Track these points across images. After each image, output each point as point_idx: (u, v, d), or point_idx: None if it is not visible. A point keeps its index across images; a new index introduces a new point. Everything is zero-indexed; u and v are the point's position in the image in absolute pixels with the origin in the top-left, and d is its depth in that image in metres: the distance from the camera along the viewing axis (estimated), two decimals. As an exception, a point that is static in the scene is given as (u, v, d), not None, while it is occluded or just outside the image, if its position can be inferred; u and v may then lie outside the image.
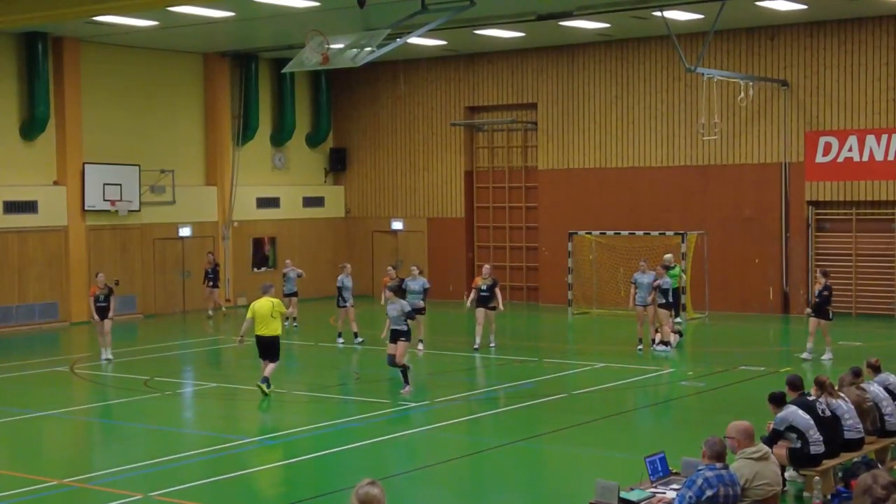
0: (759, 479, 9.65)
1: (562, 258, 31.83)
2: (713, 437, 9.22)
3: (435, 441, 16.04)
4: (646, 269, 23.21)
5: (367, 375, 21.26)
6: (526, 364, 22.16)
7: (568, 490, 13.09)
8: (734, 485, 9.03)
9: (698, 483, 8.84)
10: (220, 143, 33.69)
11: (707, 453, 9.05)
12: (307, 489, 13.48)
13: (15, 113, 29.33)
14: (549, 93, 33.00)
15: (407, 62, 34.29)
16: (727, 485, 8.92)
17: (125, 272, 31.14)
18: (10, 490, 13.05)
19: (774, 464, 9.97)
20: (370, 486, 6.66)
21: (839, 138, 28.67)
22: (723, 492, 8.87)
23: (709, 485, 8.82)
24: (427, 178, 35.58)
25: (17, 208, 28.92)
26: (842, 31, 28.51)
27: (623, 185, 31.74)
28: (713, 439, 9.13)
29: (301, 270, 28.81)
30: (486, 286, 23.54)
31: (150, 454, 15.09)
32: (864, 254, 28.74)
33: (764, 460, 9.77)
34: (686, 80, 30.00)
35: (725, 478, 8.96)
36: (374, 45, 18.42)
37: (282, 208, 35.40)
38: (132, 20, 27.11)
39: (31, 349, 25.91)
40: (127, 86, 31.59)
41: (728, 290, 29.89)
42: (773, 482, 9.77)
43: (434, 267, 35.16)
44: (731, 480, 9.03)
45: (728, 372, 20.64)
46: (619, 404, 18.56)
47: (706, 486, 8.81)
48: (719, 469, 8.97)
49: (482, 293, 23.52)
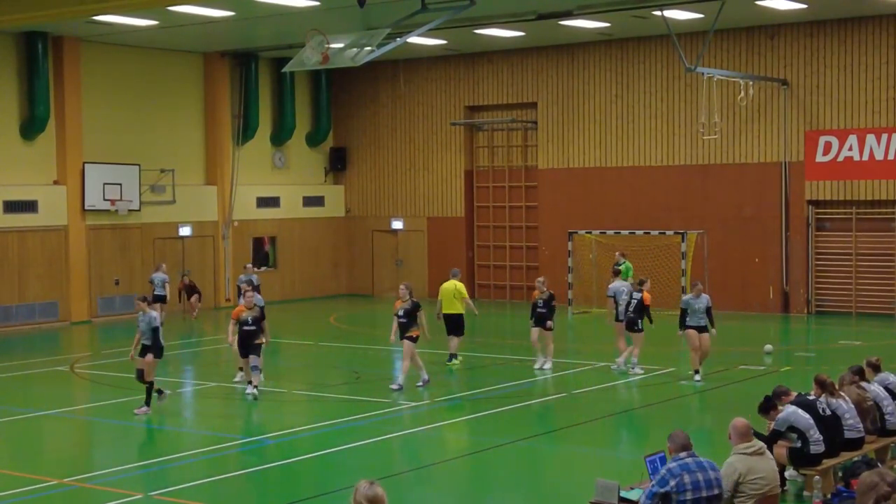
0: (752, 473, 9.71)
1: (562, 257, 31.83)
2: (675, 431, 9.50)
3: (435, 441, 16.04)
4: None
5: (367, 375, 21.25)
6: (526, 364, 22.14)
7: (568, 490, 13.09)
8: (703, 470, 9.19)
9: (661, 474, 9.20)
10: (220, 142, 33.68)
11: (671, 448, 9.35)
12: (307, 489, 13.48)
13: (15, 112, 29.32)
14: (549, 92, 33.00)
15: (407, 61, 34.29)
16: (692, 471, 9.13)
17: (125, 272, 31.14)
18: (10, 490, 13.04)
19: (770, 460, 10.01)
20: (371, 487, 6.67)
21: (839, 137, 28.66)
22: (688, 479, 9.07)
23: (671, 474, 9.11)
24: (427, 177, 35.57)
25: (17, 208, 28.91)
26: (842, 31, 28.50)
27: (623, 185, 31.74)
28: (674, 433, 9.44)
29: (167, 277, 28.80)
30: (542, 301, 21.10)
31: (150, 454, 15.10)
32: (864, 253, 28.74)
33: (758, 455, 9.82)
34: (686, 79, 30.00)
35: (691, 465, 9.17)
36: (374, 44, 18.42)
37: (282, 208, 35.40)
38: (132, 20, 27.10)
39: (31, 349, 25.91)
40: (127, 85, 31.59)
41: (728, 290, 29.87)
42: (769, 478, 9.81)
43: (434, 267, 35.16)
44: (699, 466, 9.20)
45: (728, 371, 20.64)
46: (619, 404, 18.56)
47: (668, 475, 9.12)
48: (683, 458, 9.19)
49: (539, 309, 21.06)
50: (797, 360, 20.97)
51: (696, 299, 19.62)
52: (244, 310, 18.67)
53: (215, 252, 33.59)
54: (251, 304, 18.70)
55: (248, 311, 18.64)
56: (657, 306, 29.93)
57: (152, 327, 17.24)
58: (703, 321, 19.54)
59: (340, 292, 36.44)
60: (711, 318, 19.64)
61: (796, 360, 21.00)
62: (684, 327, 19.58)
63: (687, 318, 19.55)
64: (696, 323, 19.52)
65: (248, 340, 18.49)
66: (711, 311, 19.68)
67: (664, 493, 9.05)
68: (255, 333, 18.49)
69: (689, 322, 19.55)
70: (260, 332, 18.54)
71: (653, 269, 30.24)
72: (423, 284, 35.56)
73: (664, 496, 9.06)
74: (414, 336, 19.12)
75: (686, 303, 19.77)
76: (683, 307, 19.72)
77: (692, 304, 19.61)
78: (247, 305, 18.70)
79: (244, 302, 18.83)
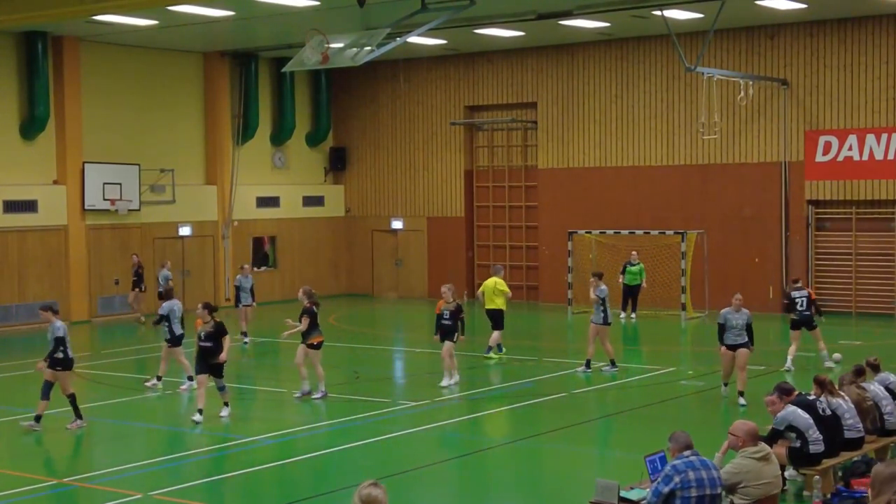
0: (758, 478, 9.73)
1: (562, 257, 31.82)
2: (676, 431, 9.53)
3: (435, 441, 16.04)
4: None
5: (366, 375, 21.25)
6: (526, 363, 22.15)
7: (568, 490, 13.10)
8: (707, 469, 9.21)
9: (665, 471, 9.23)
10: (220, 142, 33.68)
11: (674, 448, 9.38)
12: (307, 489, 13.48)
13: (15, 112, 29.32)
14: (548, 92, 33.00)
15: (407, 61, 34.27)
16: (697, 469, 9.16)
17: (125, 271, 31.11)
18: (10, 490, 13.05)
19: (775, 464, 10.03)
20: (372, 488, 6.67)
21: (839, 137, 28.67)
22: (692, 476, 9.09)
23: (676, 471, 9.14)
24: (427, 177, 35.57)
25: (17, 208, 28.92)
26: (842, 30, 28.50)
27: (623, 184, 31.74)
28: (676, 433, 9.48)
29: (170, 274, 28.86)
30: (448, 312, 19.38)
31: (150, 454, 15.09)
32: (863, 253, 28.75)
33: (765, 461, 9.84)
34: (686, 79, 30.00)
35: (695, 463, 9.19)
36: (374, 44, 18.42)
37: (282, 207, 35.40)
38: (132, 19, 27.10)
39: (31, 349, 25.87)
40: (127, 85, 31.59)
41: (728, 290, 29.61)
42: (773, 483, 9.84)
43: (434, 266, 35.18)
44: (703, 464, 9.23)
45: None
46: (619, 404, 18.55)
47: (673, 472, 9.15)
48: (687, 456, 9.23)
49: (444, 321, 19.38)
50: (797, 360, 20.94)
51: (736, 314, 17.57)
52: (200, 323, 17.04)
53: (215, 252, 33.59)
54: (206, 317, 16.88)
55: (205, 324, 16.91)
56: (657, 306, 30.13)
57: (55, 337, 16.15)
58: (742, 338, 17.51)
59: (340, 292, 36.44)
60: (752, 336, 17.68)
61: (796, 360, 20.97)
62: (722, 344, 17.72)
63: (725, 335, 17.61)
64: (733, 341, 17.53)
65: (206, 358, 16.86)
66: (752, 327, 17.69)
67: (670, 491, 9.07)
68: (213, 351, 16.79)
69: (726, 339, 17.58)
70: (218, 349, 16.79)
71: (653, 269, 30.27)
72: (423, 284, 35.60)
73: (669, 493, 9.08)
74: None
75: (724, 317, 17.68)
76: (721, 322, 17.72)
77: (730, 319, 17.56)
78: (202, 319, 16.97)
79: (199, 314, 17.11)
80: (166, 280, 28.49)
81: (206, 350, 16.82)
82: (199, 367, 17.01)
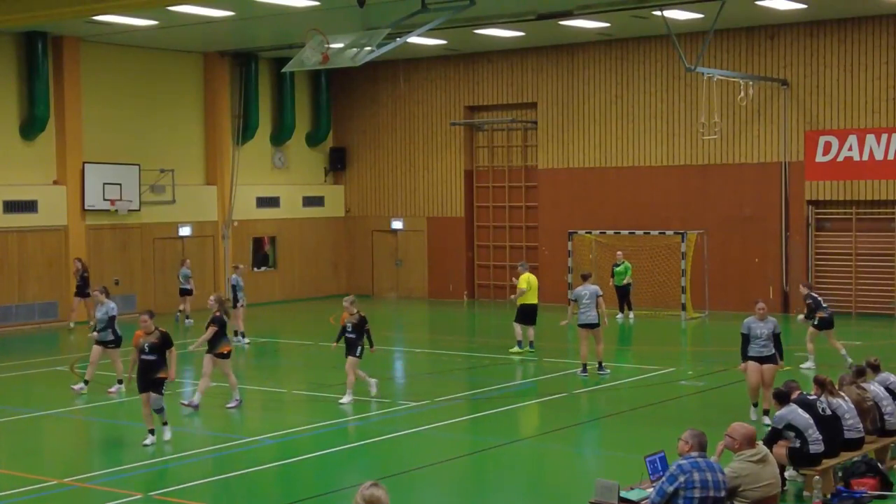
0: (757, 480, 9.74)
1: (562, 257, 31.82)
2: (695, 429, 9.46)
3: (435, 441, 16.03)
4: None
5: (367, 375, 21.20)
6: (526, 364, 22.14)
7: (568, 490, 13.10)
8: (712, 471, 9.21)
9: (670, 470, 9.22)
10: (220, 142, 33.68)
11: (688, 445, 9.31)
12: (307, 489, 13.47)
13: (15, 112, 29.32)
14: (548, 92, 33.00)
15: (407, 61, 34.29)
16: (702, 470, 9.15)
17: (125, 272, 31.14)
18: (10, 490, 13.05)
19: (773, 465, 10.03)
20: (374, 488, 6.68)
21: (839, 137, 28.67)
22: (697, 476, 9.08)
23: (681, 470, 9.13)
24: (427, 177, 35.57)
25: (17, 208, 28.91)
26: (841, 31, 28.50)
27: (623, 185, 31.74)
28: (696, 431, 9.42)
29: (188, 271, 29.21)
30: (351, 325, 18.05)
31: (150, 454, 15.08)
32: (864, 253, 28.75)
33: (763, 462, 9.83)
34: (686, 79, 30.00)
35: (701, 464, 9.19)
36: (374, 44, 18.43)
37: (282, 208, 35.40)
38: (132, 19, 27.10)
39: (31, 349, 25.90)
40: (127, 85, 31.59)
41: (728, 290, 29.88)
42: (773, 484, 9.83)
43: (434, 266, 35.19)
44: (709, 466, 9.23)
45: (728, 371, 20.61)
46: (619, 404, 18.55)
47: (678, 471, 9.14)
48: (694, 457, 9.22)
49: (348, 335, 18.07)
50: (797, 360, 20.93)
51: (760, 322, 15.80)
52: (142, 335, 15.18)
53: (215, 252, 33.59)
54: (149, 328, 15.16)
55: (147, 336, 15.13)
56: (657, 306, 30.13)
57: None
58: (769, 350, 15.78)
59: (340, 292, 36.38)
60: (780, 348, 15.96)
61: (796, 360, 20.97)
62: (746, 358, 15.95)
63: (749, 347, 15.90)
64: (757, 353, 15.77)
65: (147, 374, 15.10)
66: (780, 338, 15.95)
67: (674, 490, 9.07)
68: (155, 365, 15.07)
69: (751, 351, 15.86)
70: (162, 363, 15.14)
71: (653, 270, 30.28)
72: (424, 285, 35.61)
73: (673, 492, 9.08)
74: None
75: (747, 326, 15.90)
76: (744, 332, 15.90)
77: (754, 329, 15.82)
78: (145, 330, 15.17)
79: (141, 324, 15.26)
80: (186, 278, 28.80)
81: (149, 364, 15.09)
82: (141, 385, 15.16)
